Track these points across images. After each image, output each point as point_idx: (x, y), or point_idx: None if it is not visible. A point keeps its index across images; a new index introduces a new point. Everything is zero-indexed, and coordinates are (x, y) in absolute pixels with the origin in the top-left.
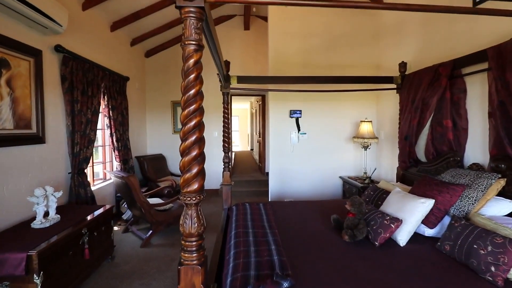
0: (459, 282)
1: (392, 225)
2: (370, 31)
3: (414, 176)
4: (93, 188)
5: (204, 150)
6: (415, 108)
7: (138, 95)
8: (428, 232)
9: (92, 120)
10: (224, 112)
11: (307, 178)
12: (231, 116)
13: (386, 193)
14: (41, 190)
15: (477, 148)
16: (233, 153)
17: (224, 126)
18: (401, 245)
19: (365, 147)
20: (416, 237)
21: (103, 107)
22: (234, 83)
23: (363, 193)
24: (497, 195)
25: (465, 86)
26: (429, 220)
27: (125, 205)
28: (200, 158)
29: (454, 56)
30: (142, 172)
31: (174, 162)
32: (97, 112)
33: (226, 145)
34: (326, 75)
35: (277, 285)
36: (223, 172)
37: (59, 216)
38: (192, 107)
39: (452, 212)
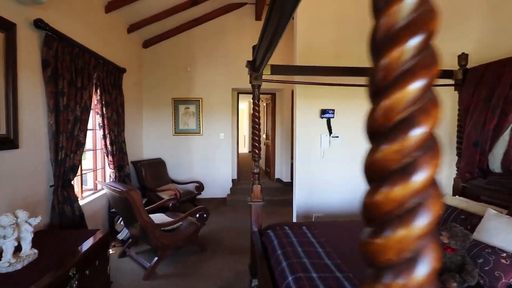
0: None
1: None
2: None
3: (481, 189)
4: (81, 202)
5: (210, 154)
6: (492, 108)
7: (135, 90)
8: None
9: (82, 118)
10: (254, 109)
11: (338, 189)
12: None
13: (464, 213)
14: (9, 217)
15: None
16: (237, 157)
17: (253, 127)
18: None
19: None
20: None
21: (95, 102)
22: (267, 72)
23: None
24: None
25: None
26: None
27: (121, 222)
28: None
29: None
30: (139, 180)
31: (175, 168)
32: (88, 109)
33: (257, 151)
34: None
35: None
36: (252, 185)
37: (36, 251)
38: None
39: None
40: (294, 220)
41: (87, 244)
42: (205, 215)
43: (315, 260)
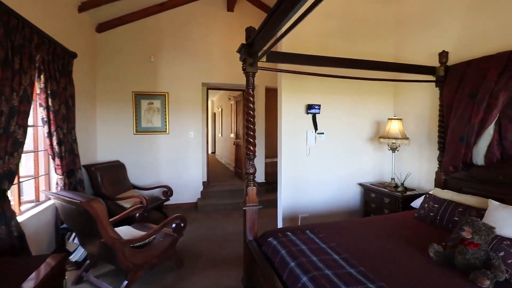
0: None
1: None
2: (392, 19)
3: (463, 182)
4: (20, 218)
5: (178, 155)
6: (478, 103)
7: (87, 81)
8: None
9: (21, 110)
10: (248, 101)
11: (323, 187)
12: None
13: (461, 206)
14: None
15: None
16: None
17: (248, 121)
18: None
19: (393, 149)
20: None
21: (38, 91)
22: (262, 59)
23: (424, 206)
24: None
25: None
26: None
27: (75, 241)
28: None
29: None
30: (93, 187)
31: (137, 171)
32: (29, 98)
33: (251, 147)
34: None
35: None
36: (246, 187)
37: None
38: None
39: None
40: (280, 222)
41: (34, 279)
42: (182, 225)
43: (338, 271)
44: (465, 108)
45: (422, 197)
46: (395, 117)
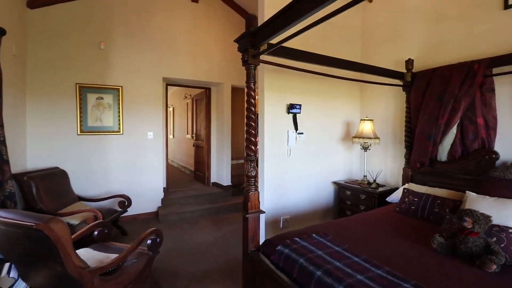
0: None
1: None
2: (360, 27)
3: (428, 177)
4: None
5: (135, 158)
6: (444, 106)
7: (14, 66)
8: None
9: None
10: (249, 96)
11: (303, 187)
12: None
13: (439, 198)
14: None
15: (509, 146)
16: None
17: (248, 118)
18: None
19: (365, 148)
20: None
21: None
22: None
23: (404, 200)
24: None
25: (494, 86)
26: None
27: (11, 274)
28: None
29: (472, 57)
30: (27, 201)
31: (82, 180)
32: None
33: (253, 147)
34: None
35: None
36: (247, 192)
37: None
38: None
39: None
40: (262, 226)
41: None
42: (158, 240)
43: (368, 274)
44: (433, 110)
45: (398, 192)
46: (367, 118)
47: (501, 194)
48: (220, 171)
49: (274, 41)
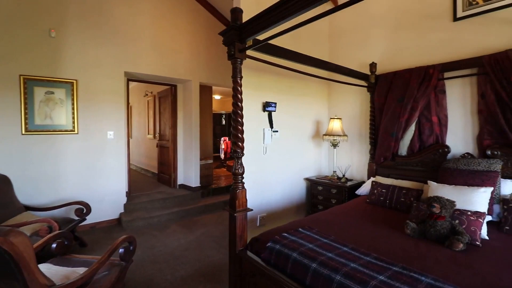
0: None
1: (480, 219)
2: (326, 30)
3: (390, 169)
4: None
5: (94, 160)
6: (404, 105)
7: None
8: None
9: None
10: (236, 91)
11: (278, 185)
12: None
13: (404, 188)
14: None
15: (458, 140)
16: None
17: (235, 113)
18: (487, 238)
19: (335, 145)
20: None
21: None
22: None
23: (373, 192)
24: None
25: (445, 88)
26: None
27: None
28: None
29: (427, 62)
30: None
31: (29, 187)
32: None
33: (240, 144)
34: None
35: None
36: (235, 190)
37: None
38: None
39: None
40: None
41: None
42: (131, 248)
43: (360, 262)
44: (394, 110)
45: (366, 185)
46: (336, 117)
47: (455, 182)
48: (188, 173)
49: (259, 37)
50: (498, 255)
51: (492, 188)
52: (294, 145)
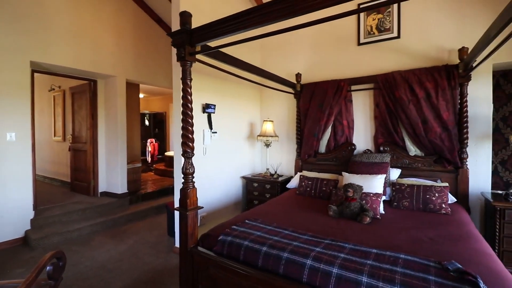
0: (434, 220)
1: (379, 199)
2: (260, 41)
3: (313, 165)
4: None
5: None
6: (323, 111)
7: None
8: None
9: None
10: (185, 92)
11: (217, 184)
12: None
13: (324, 180)
14: None
15: (361, 139)
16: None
17: (185, 114)
18: (383, 212)
19: (268, 145)
20: None
21: None
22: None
23: (301, 184)
24: None
25: (352, 98)
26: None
27: None
28: None
29: (340, 76)
30: None
31: None
32: None
33: (190, 143)
34: None
35: None
36: (186, 189)
37: None
38: None
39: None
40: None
41: None
42: (61, 264)
43: (300, 240)
44: (316, 114)
45: (295, 179)
46: (269, 119)
47: (361, 172)
48: (113, 178)
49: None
50: (390, 223)
51: (385, 175)
52: (232, 145)
